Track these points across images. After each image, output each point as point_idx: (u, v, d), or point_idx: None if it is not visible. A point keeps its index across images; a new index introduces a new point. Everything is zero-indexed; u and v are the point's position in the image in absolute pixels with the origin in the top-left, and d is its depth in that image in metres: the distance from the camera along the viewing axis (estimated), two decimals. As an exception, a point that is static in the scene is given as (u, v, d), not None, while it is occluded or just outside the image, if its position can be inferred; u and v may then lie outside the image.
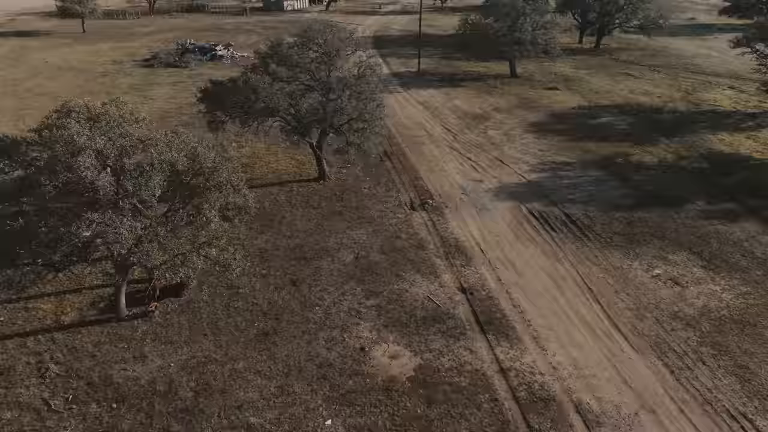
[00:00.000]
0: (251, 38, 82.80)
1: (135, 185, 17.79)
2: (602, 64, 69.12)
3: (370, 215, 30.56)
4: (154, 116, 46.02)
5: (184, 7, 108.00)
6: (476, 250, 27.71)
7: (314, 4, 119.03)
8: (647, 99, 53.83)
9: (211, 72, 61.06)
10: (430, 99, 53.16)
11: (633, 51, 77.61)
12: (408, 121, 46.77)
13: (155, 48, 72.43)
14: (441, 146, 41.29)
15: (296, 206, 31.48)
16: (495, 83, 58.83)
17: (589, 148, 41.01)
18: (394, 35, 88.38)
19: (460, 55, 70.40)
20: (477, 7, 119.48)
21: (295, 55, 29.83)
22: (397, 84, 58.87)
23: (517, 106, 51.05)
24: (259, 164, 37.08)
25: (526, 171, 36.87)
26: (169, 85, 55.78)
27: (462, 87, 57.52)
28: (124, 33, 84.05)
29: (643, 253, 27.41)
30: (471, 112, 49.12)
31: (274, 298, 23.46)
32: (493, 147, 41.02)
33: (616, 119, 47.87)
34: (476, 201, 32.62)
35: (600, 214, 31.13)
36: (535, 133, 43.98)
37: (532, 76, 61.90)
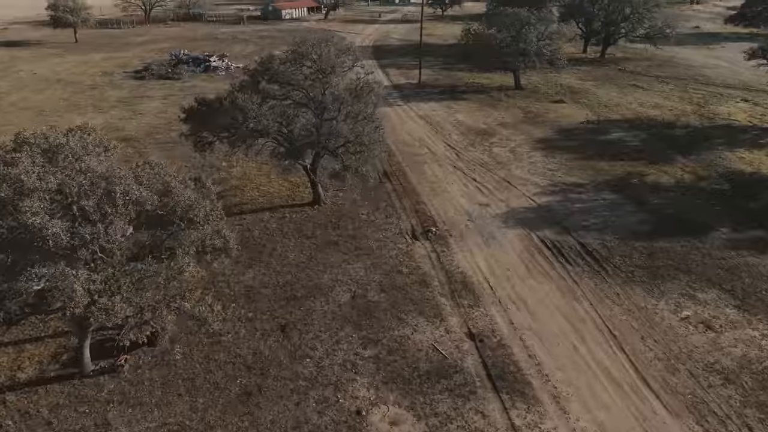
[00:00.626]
0: (247, 48, 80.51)
1: (93, 232, 15.18)
2: (608, 75, 66.69)
3: (368, 246, 27.92)
4: (141, 132, 43.62)
5: (180, 16, 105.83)
6: (485, 286, 25.07)
7: (313, 13, 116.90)
8: (658, 112, 51.32)
9: (204, 84, 58.64)
10: (432, 113, 50.64)
11: (639, 61, 75.23)
12: (409, 138, 44.23)
13: (148, 59, 70.08)
14: (444, 165, 38.72)
15: (288, 235, 28.85)
16: (499, 96, 56.35)
17: (600, 167, 38.43)
18: (394, 45, 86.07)
19: (462, 65, 68.03)
20: (478, 15, 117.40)
21: (288, 71, 27.23)
22: (398, 96, 56.38)
23: (523, 121, 48.52)
24: (249, 186, 34.48)
25: (536, 193, 34.27)
26: (159, 99, 53.26)
27: (464, 100, 55.02)
28: (118, 43, 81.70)
29: (668, 290, 24.76)
30: (475, 128, 46.58)
31: (260, 348, 20.79)
32: (499, 166, 38.44)
33: (627, 135, 45.32)
34: (483, 228, 30.00)
35: (618, 244, 28.50)
36: (543, 151, 41.42)
37: (537, 88, 59.43)
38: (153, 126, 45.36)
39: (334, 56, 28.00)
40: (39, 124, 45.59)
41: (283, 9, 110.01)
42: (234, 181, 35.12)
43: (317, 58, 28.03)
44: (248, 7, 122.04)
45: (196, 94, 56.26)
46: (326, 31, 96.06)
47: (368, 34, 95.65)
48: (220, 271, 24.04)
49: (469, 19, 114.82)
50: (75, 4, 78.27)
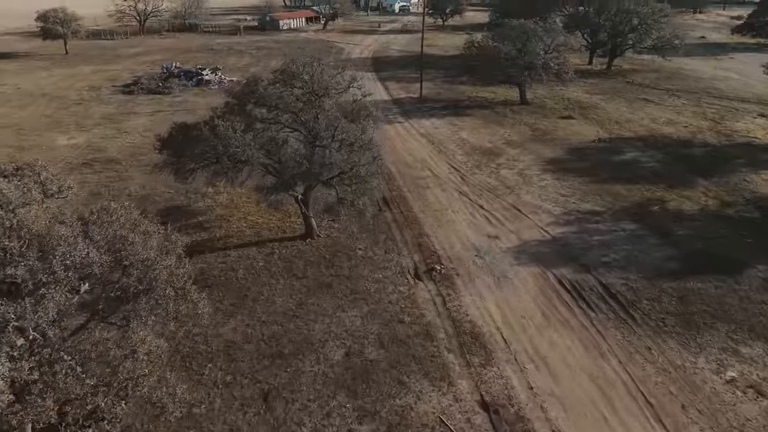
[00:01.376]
0: (243, 60, 77.72)
1: (20, 310, 12.08)
2: (617, 89, 63.79)
3: (365, 288, 24.80)
4: (124, 153, 40.60)
5: (175, 26, 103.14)
6: (497, 338, 21.93)
7: (311, 23, 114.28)
8: (672, 130, 48.33)
9: (195, 99, 55.75)
10: (434, 130, 47.64)
11: (647, 73, 72.42)
12: (410, 158, 41.19)
13: (139, 72, 67.22)
14: (448, 190, 35.65)
15: (276, 275, 25.72)
16: (504, 111, 53.37)
17: (617, 192, 35.36)
18: (394, 56, 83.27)
19: (465, 78, 65.17)
20: (480, 25, 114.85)
21: (275, 94, 24.23)
22: (398, 112, 53.43)
23: (531, 139, 45.51)
24: (236, 216, 31.37)
25: (549, 224, 31.16)
26: (147, 115, 50.26)
27: (468, 116, 52.04)
28: (109, 55, 78.88)
29: (706, 343, 21.63)
30: (480, 147, 43.55)
31: (237, 424, 17.61)
32: (507, 191, 35.38)
33: (642, 155, 42.28)
34: (493, 266, 26.88)
35: (644, 285, 25.38)
36: (554, 173, 38.37)
37: (543, 102, 56.49)
38: (137, 146, 42.29)
39: (327, 77, 24.97)
40: (16, 143, 42.72)
41: (281, 19, 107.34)
42: (219, 210, 32.04)
43: (309, 79, 25.02)
44: (246, 17, 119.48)
45: (186, 110, 53.57)
46: (324, 42, 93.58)
47: (367, 44, 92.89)
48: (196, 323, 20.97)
49: (471, 29, 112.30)
50: (65, 16, 75.49)
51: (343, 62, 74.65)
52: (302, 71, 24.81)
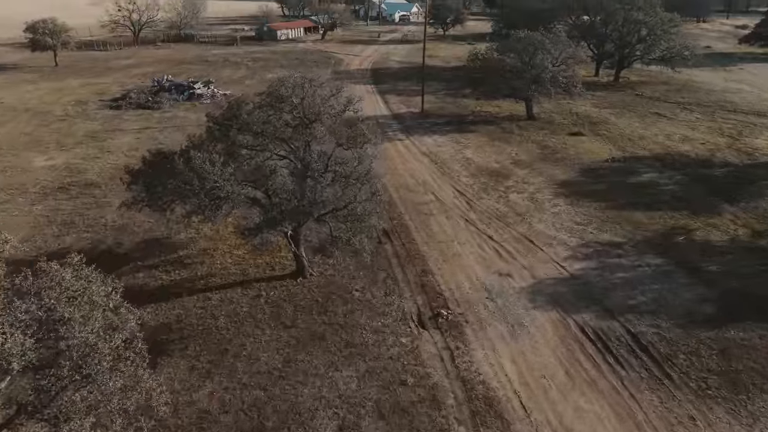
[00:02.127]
0: (238, 72, 74.92)
1: None
2: (626, 102, 60.92)
3: (362, 341, 21.71)
4: (104, 175, 37.59)
5: (171, 37, 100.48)
6: (515, 404, 18.83)
7: (310, 33, 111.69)
8: (689, 147, 45.37)
9: (185, 115, 52.82)
10: (437, 148, 44.66)
11: (656, 85, 69.59)
12: (411, 180, 38.17)
13: (129, 85, 64.37)
14: (453, 217, 32.61)
15: (262, 324, 22.64)
16: (510, 127, 50.44)
17: (637, 219, 32.32)
18: (394, 68, 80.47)
19: (468, 91, 62.33)
20: (481, 35, 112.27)
21: (261, 121, 21.26)
22: (398, 128, 50.48)
23: (540, 158, 42.53)
24: (221, 249, 28.28)
25: (566, 258, 28.10)
26: (133, 133, 47.29)
27: (473, 132, 49.09)
28: (101, 67, 76.07)
29: (759, 412, 18.53)
30: (486, 167, 40.56)
31: None
32: (518, 219, 32.34)
33: (659, 176, 39.28)
34: (506, 310, 23.81)
35: (678, 334, 22.29)
36: (568, 198, 35.35)
37: (551, 117, 53.57)
38: (119, 167, 38.87)
39: (320, 100, 21.99)
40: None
41: (279, 29, 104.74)
42: (203, 242, 28.96)
43: (299, 103, 22.04)
44: (243, 27, 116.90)
45: (175, 126, 50.61)
46: (323, 53, 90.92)
47: (367, 55, 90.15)
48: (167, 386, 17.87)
49: (472, 39, 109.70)
50: (55, 27, 72.77)
51: (341, 74, 72.01)
52: (291, 94, 21.81)
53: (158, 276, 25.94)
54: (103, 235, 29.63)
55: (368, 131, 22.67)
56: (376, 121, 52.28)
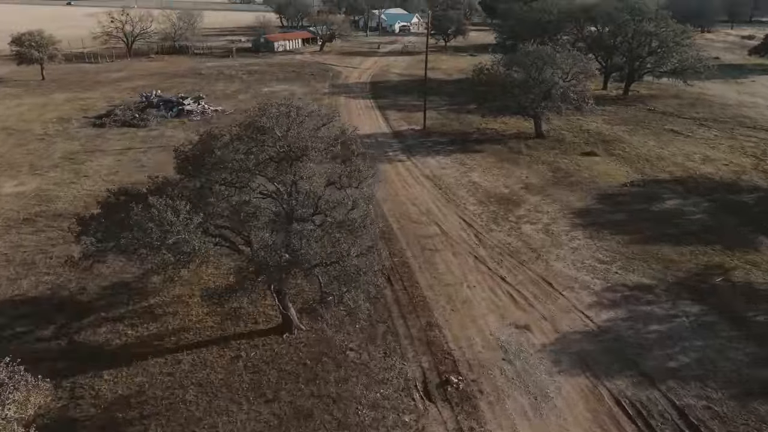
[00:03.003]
0: (232, 85, 71.60)
1: None
2: (638, 118, 57.52)
3: (357, 419, 18.06)
4: (77, 204, 34.03)
5: (165, 49, 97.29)
6: None
7: (308, 44, 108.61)
8: (712, 169, 41.90)
9: (173, 133, 49.37)
10: (441, 171, 41.15)
11: (667, 99, 66.25)
12: (414, 209, 34.63)
13: (117, 100, 61.02)
14: (461, 254, 29.05)
15: (239, 396, 19.00)
16: (518, 146, 46.98)
17: (665, 256, 28.75)
18: (394, 81, 77.13)
19: (472, 106, 58.97)
20: (483, 46, 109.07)
21: (238, 158, 17.77)
22: (399, 148, 46.99)
23: (553, 182, 39.02)
24: (196, 298, 24.52)
25: (591, 305, 24.51)
26: (114, 154, 43.80)
27: (479, 152, 45.61)
28: (89, 80, 72.76)
29: None
30: (495, 193, 37.04)
31: None
32: (533, 256, 28.77)
33: (684, 203, 35.77)
34: (527, 376, 20.18)
35: (734, 409, 18.65)
36: (586, 229, 31.80)
37: (561, 135, 50.14)
38: (95, 195, 35.48)
39: (307, 133, 18.47)
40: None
41: (276, 41, 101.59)
42: (178, 288, 25.33)
43: (283, 136, 18.53)
44: (240, 39, 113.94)
45: (160, 146, 47.08)
46: (321, 65, 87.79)
47: (366, 68, 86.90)
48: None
49: (474, 50, 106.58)
50: (42, 39, 69.53)
51: (339, 88, 68.63)
52: (274, 125, 18.31)
53: (122, 331, 22.33)
54: (65, 279, 26.02)
55: (365, 167, 19.11)
56: (375, 140, 48.92)
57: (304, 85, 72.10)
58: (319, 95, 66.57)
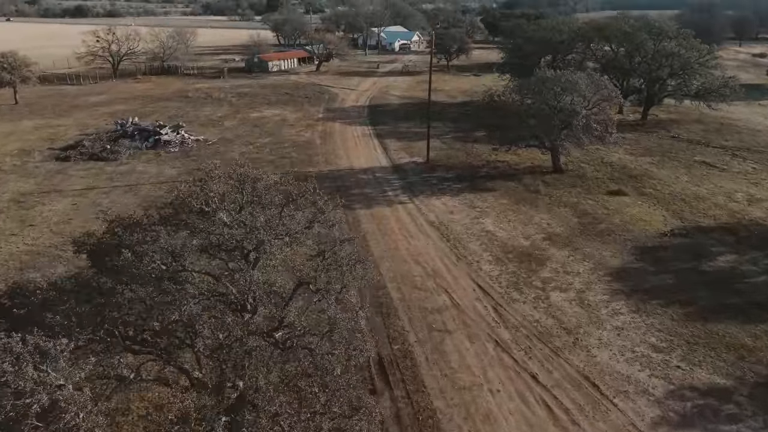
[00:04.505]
0: (219, 110, 65.90)
1: None
2: (663, 147, 51.71)
3: None
4: (12, 265, 27.93)
5: (154, 69, 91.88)
6: None
7: (304, 64, 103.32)
8: (762, 213, 35.93)
9: (144, 169, 43.48)
10: (448, 216, 35.12)
11: (689, 124, 60.52)
12: (417, 269, 28.54)
13: (90, 128, 55.32)
14: (478, 337, 22.91)
15: None
16: (535, 183, 41.02)
17: (735, 338, 22.64)
18: (394, 104, 71.42)
19: (480, 132, 53.32)
20: (488, 65, 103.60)
21: (156, 266, 11.73)
22: (399, 186, 41.00)
23: (580, 231, 32.99)
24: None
25: (655, 423, 18.31)
26: (73, 196, 37.83)
27: (490, 191, 39.63)
28: (66, 105, 67.09)
29: None
30: (513, 246, 30.99)
31: None
32: (568, 340, 22.64)
33: (740, 259, 29.69)
34: None
35: None
36: (629, 298, 25.71)
37: (580, 169, 44.24)
38: (38, 252, 29.65)
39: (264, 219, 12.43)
40: None
41: (270, 60, 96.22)
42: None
43: (231, 222, 12.49)
44: (234, 58, 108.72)
45: (127, 186, 40.97)
46: (316, 86, 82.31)
47: (364, 89, 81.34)
48: None
49: (478, 69, 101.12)
50: (15, 61, 64.06)
51: (335, 112, 62.71)
52: (216, 208, 12.28)
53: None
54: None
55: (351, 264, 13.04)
56: (373, 176, 43.04)
57: (296, 110, 66.41)
58: (312, 121, 60.86)
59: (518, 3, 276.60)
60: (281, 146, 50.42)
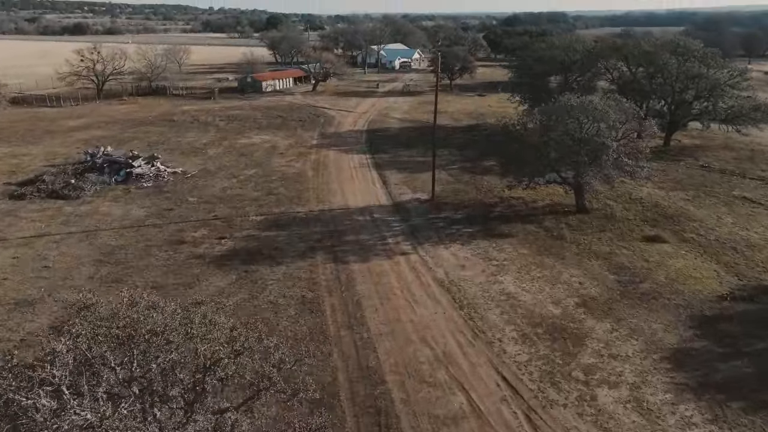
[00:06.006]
0: (205, 135, 60.29)
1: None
2: (694, 178, 45.95)
3: None
4: None
5: (141, 90, 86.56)
6: None
7: (300, 83, 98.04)
8: (832, 266, 29.96)
9: (108, 209, 37.67)
10: (460, 273, 29.12)
11: (717, 152, 54.90)
12: (425, 352, 22.47)
13: (59, 157, 49.72)
14: (509, 465, 16.84)
15: None
16: (558, 227, 35.12)
17: None
18: (394, 128, 65.78)
19: (488, 160, 47.82)
20: (492, 84, 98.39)
21: None
22: (401, 231, 35.06)
23: (620, 293, 27.01)
24: None
25: None
26: (16, 246, 31.86)
27: (506, 237, 33.72)
28: (40, 129, 61.51)
29: None
30: (542, 316, 24.99)
31: None
32: (632, 471, 16.55)
33: (825, 335, 23.68)
34: None
35: None
36: (700, 398, 19.67)
37: (607, 208, 38.41)
38: (-50, 327, 23.64)
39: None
40: None
41: (264, 80, 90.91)
42: None
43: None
44: (227, 77, 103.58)
45: (84, 232, 34.73)
46: (311, 108, 76.86)
47: (362, 111, 75.83)
48: None
49: (482, 89, 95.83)
50: (-17, 83, 58.65)
51: (330, 138, 56.73)
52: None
53: None
54: None
55: None
56: (370, 217, 37.19)
57: (288, 135, 60.81)
58: (305, 148, 55.19)
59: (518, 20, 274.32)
60: (268, 179, 44.63)
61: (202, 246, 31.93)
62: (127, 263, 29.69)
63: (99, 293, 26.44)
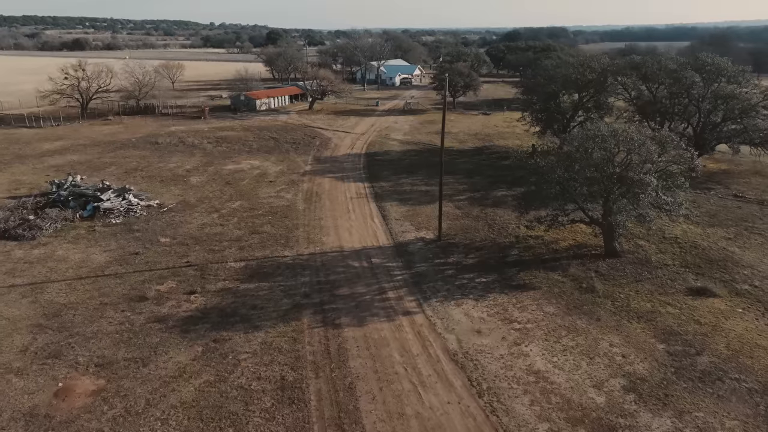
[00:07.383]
0: (189, 160, 55.27)
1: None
2: (730, 211, 40.80)
3: None
4: None
5: (128, 108, 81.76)
6: None
7: (297, 101, 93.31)
8: None
9: (66, 254, 32.48)
10: (476, 342, 23.76)
11: (748, 178, 49.96)
12: (436, 465, 17.06)
13: (25, 187, 44.60)
14: None
15: None
16: (587, 277, 29.78)
17: None
18: (395, 151, 60.74)
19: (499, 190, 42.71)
20: (497, 102, 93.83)
21: None
22: (403, 281, 29.72)
23: (674, 370, 21.65)
24: None
25: None
26: (-55, 304, 26.60)
27: (527, 290, 28.41)
28: (11, 153, 56.52)
29: None
30: (582, 406, 19.60)
31: None
32: None
33: None
34: None
35: None
36: None
37: (641, 250, 33.17)
38: None
39: None
40: None
41: (259, 98, 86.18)
42: None
43: None
44: (221, 95, 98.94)
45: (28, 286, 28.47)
46: (307, 128, 71.94)
47: (361, 132, 70.88)
48: None
49: (486, 106, 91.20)
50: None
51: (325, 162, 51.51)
52: None
53: None
54: None
55: None
56: (368, 262, 31.96)
57: (280, 160, 55.79)
58: (297, 175, 50.12)
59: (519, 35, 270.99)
60: (254, 214, 39.46)
61: (167, 304, 26.64)
62: (72, 329, 24.38)
63: (29, 374, 21.23)
